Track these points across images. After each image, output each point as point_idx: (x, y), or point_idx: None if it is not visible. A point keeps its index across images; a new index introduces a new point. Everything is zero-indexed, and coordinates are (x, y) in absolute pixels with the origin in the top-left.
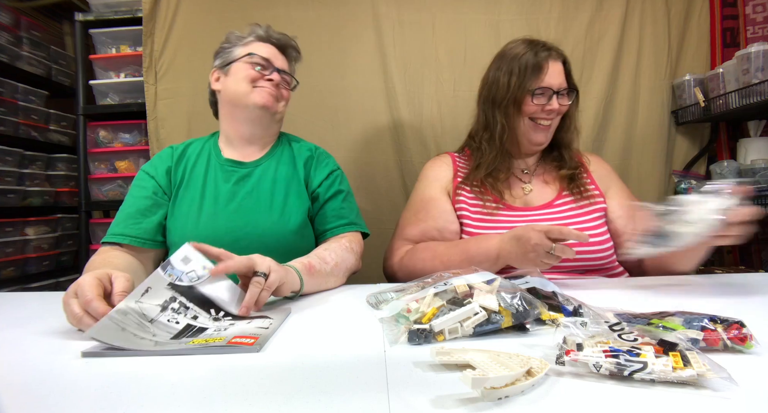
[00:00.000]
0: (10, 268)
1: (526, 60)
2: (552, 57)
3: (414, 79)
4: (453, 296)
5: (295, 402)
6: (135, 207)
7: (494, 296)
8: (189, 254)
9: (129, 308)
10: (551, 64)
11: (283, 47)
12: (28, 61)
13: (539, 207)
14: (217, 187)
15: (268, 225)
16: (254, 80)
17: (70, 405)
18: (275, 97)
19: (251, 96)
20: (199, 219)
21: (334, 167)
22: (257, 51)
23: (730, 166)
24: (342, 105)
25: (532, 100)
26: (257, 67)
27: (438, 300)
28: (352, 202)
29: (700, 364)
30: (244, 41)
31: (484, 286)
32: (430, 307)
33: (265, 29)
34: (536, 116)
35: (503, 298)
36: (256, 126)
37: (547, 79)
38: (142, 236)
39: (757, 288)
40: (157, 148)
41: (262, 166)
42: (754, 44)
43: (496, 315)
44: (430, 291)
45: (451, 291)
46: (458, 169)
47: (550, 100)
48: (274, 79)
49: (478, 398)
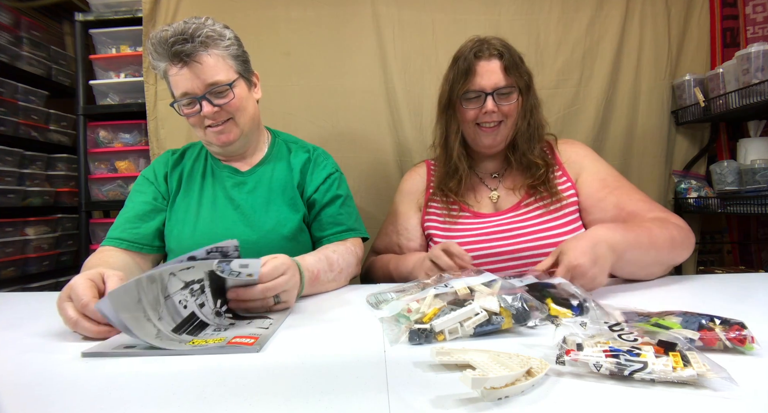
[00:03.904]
0: (10, 268)
1: (459, 64)
2: (484, 57)
3: (414, 79)
4: (454, 297)
5: (295, 402)
6: (134, 212)
7: (495, 298)
8: (252, 267)
9: (161, 277)
10: (482, 65)
11: (188, 54)
12: (28, 61)
13: (506, 211)
14: (215, 193)
15: (264, 233)
16: (200, 124)
17: (70, 405)
18: (223, 131)
19: (208, 139)
20: (196, 226)
21: (332, 170)
22: (175, 87)
23: (730, 166)
24: (342, 105)
25: (464, 105)
26: (187, 105)
27: (439, 301)
28: (351, 206)
29: (700, 364)
30: (161, 70)
31: (484, 289)
32: (431, 308)
33: (160, 42)
34: (480, 120)
35: (503, 299)
36: (231, 151)
37: (477, 80)
38: (140, 241)
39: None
40: (157, 148)
41: (258, 172)
42: (754, 44)
43: (496, 316)
44: (430, 292)
45: (451, 293)
46: (431, 179)
47: (485, 103)
48: (207, 114)
49: (478, 398)
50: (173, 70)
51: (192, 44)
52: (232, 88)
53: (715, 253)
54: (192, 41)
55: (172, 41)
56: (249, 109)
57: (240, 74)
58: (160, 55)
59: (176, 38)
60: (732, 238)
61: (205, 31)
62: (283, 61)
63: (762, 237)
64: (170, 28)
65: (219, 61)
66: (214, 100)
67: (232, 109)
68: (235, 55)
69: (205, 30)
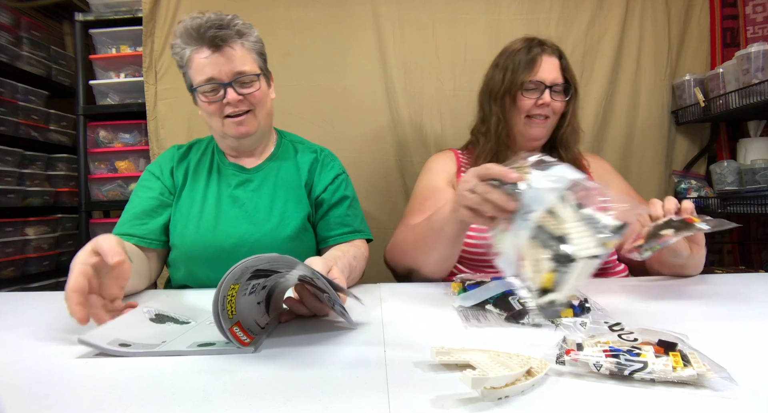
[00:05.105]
0: (10, 268)
1: (521, 55)
2: (546, 52)
3: (414, 79)
4: (546, 235)
5: (295, 402)
6: (141, 207)
7: (586, 228)
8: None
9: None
10: (545, 59)
11: (223, 39)
12: (28, 61)
13: None
14: (219, 190)
15: (267, 231)
16: (218, 113)
17: (70, 405)
18: (243, 122)
19: (224, 130)
20: (200, 223)
21: (340, 171)
22: (199, 72)
23: (730, 166)
24: (342, 105)
25: (523, 94)
26: (210, 92)
27: (538, 252)
28: (357, 208)
29: (700, 364)
30: (186, 57)
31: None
32: (542, 271)
33: (195, 27)
34: (531, 112)
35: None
36: (245, 144)
37: (539, 73)
38: (148, 236)
39: (757, 288)
40: (157, 148)
41: (264, 170)
42: (754, 44)
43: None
44: (522, 235)
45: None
46: (461, 165)
47: (542, 95)
48: (231, 100)
49: (478, 398)
50: (202, 54)
51: (228, 31)
52: (258, 78)
53: (715, 253)
54: (228, 28)
55: (209, 25)
56: (267, 105)
57: (262, 71)
58: (191, 39)
59: (213, 23)
60: (732, 238)
61: (239, 23)
62: (283, 61)
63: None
64: (204, 16)
65: (248, 53)
66: (238, 89)
67: (255, 101)
68: (259, 52)
69: (239, 22)
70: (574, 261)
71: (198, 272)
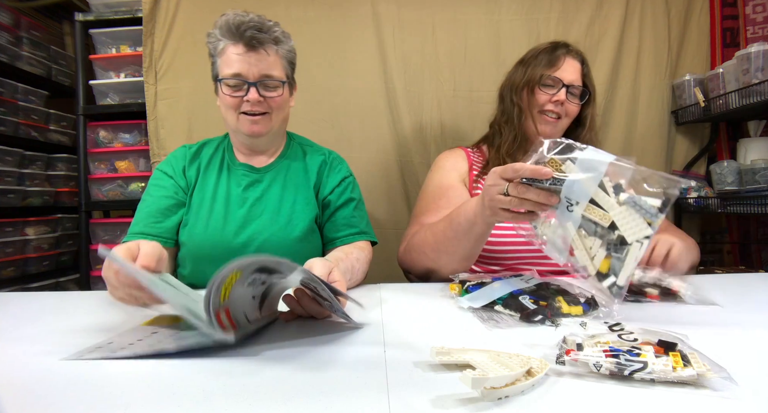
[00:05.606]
0: (10, 268)
1: (545, 53)
2: (570, 54)
3: (414, 79)
4: (593, 224)
5: (295, 402)
6: (155, 206)
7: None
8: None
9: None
10: (568, 60)
11: (260, 42)
12: (28, 61)
13: None
14: (229, 190)
15: (274, 231)
16: (236, 107)
17: (70, 404)
18: (258, 122)
19: (238, 125)
20: (209, 222)
21: (347, 174)
22: (228, 65)
23: (730, 166)
24: (342, 105)
25: (541, 88)
26: (233, 86)
27: (589, 240)
28: (362, 211)
29: (700, 364)
30: (219, 48)
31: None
32: (594, 256)
33: (236, 24)
34: (545, 108)
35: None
36: (256, 143)
37: (560, 71)
38: (164, 235)
39: (757, 288)
40: (157, 148)
41: (272, 171)
42: (754, 44)
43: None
44: (570, 228)
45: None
46: (473, 163)
47: (558, 92)
48: (251, 100)
49: (478, 398)
50: (237, 50)
51: (267, 35)
52: (283, 85)
53: (715, 253)
54: (268, 33)
55: (251, 25)
56: (285, 111)
57: (288, 79)
58: (230, 34)
59: (255, 25)
60: (732, 238)
61: (279, 31)
62: None
63: (762, 237)
64: (248, 16)
65: (279, 59)
66: (261, 91)
67: (274, 105)
68: (290, 61)
69: (278, 29)
70: (628, 245)
71: (204, 270)
